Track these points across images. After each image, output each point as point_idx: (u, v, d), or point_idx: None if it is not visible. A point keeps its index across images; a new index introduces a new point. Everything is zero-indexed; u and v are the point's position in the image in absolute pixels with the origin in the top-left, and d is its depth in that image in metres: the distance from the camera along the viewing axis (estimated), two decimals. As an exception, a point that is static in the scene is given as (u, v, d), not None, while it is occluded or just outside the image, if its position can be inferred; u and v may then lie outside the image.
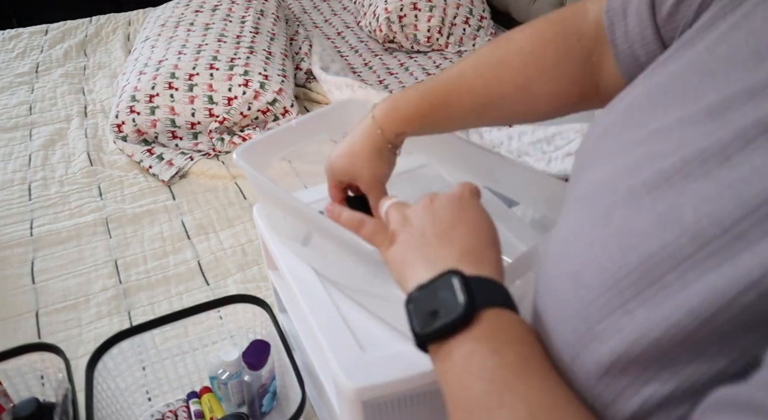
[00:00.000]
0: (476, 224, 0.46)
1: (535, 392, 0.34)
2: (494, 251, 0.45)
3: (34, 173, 1.55)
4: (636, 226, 0.34)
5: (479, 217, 0.47)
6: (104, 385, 0.85)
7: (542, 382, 0.35)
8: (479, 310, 0.37)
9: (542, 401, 0.34)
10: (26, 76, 2.04)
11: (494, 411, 0.34)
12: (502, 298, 0.40)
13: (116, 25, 2.38)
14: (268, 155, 0.80)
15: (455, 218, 0.46)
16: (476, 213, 0.47)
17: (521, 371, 0.35)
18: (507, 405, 0.33)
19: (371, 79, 1.94)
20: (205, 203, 1.43)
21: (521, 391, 0.34)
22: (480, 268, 0.41)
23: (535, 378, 0.35)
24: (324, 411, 0.88)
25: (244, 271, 1.23)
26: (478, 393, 0.35)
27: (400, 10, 2.06)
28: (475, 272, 0.40)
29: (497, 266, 0.43)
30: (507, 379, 0.35)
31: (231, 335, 0.98)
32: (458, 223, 0.46)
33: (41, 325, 1.13)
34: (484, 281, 0.40)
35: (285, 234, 0.80)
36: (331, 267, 0.72)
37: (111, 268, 1.25)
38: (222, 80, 1.65)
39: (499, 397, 0.34)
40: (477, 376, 0.35)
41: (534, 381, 0.35)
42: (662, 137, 0.36)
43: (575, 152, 0.47)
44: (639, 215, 0.34)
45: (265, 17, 1.99)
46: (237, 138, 1.61)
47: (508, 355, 0.36)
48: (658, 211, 0.33)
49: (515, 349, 0.36)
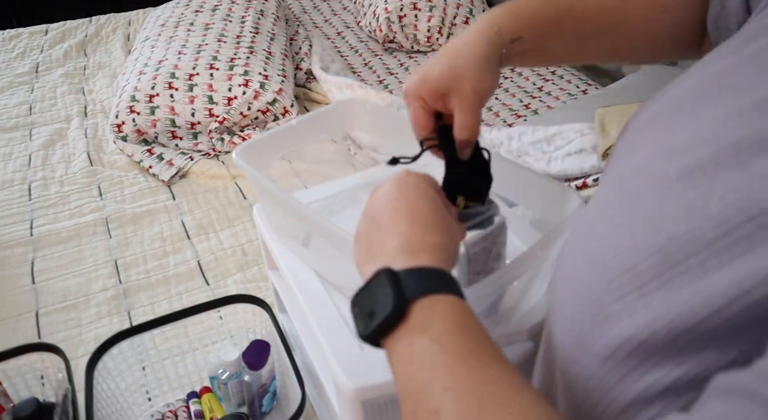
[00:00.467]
0: (414, 210, 0.45)
1: (477, 372, 0.34)
2: (434, 235, 0.44)
3: (34, 173, 1.56)
4: (662, 210, 0.33)
5: (418, 202, 0.46)
6: (104, 385, 0.85)
7: (482, 362, 0.35)
8: (411, 303, 0.38)
9: (484, 378, 0.34)
10: (26, 76, 2.05)
11: (440, 396, 0.34)
12: (435, 285, 0.39)
13: (116, 25, 2.38)
14: (267, 155, 0.80)
15: (394, 207, 0.46)
16: (415, 198, 0.46)
17: (461, 354, 0.36)
18: (451, 388, 0.34)
19: (371, 79, 1.94)
20: (205, 203, 1.44)
21: (462, 373, 0.34)
22: (415, 258, 0.41)
23: (475, 358, 0.35)
24: (324, 411, 0.88)
25: (244, 271, 1.23)
26: (423, 381, 0.35)
27: (400, 10, 2.06)
28: (409, 264, 0.40)
29: (438, 251, 0.43)
30: (448, 363, 0.35)
31: (231, 335, 0.98)
32: (397, 212, 0.45)
33: (41, 325, 1.13)
34: (415, 272, 0.40)
35: (285, 235, 0.80)
36: (330, 268, 0.72)
37: (111, 268, 1.25)
38: (222, 80, 1.65)
39: (442, 382, 0.34)
40: (419, 365, 0.36)
41: (474, 361, 0.35)
42: (705, 127, 0.35)
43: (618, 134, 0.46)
44: (667, 201, 0.33)
45: (265, 17, 1.99)
46: (237, 138, 1.61)
47: (447, 341, 0.36)
48: (687, 197, 0.32)
49: (453, 334, 0.37)
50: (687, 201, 0.32)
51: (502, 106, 1.74)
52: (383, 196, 0.47)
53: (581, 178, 1.21)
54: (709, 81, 0.39)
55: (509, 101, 1.76)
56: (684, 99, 0.40)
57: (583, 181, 1.18)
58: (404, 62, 2.05)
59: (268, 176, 0.71)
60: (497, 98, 1.78)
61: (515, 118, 1.68)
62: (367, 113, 0.84)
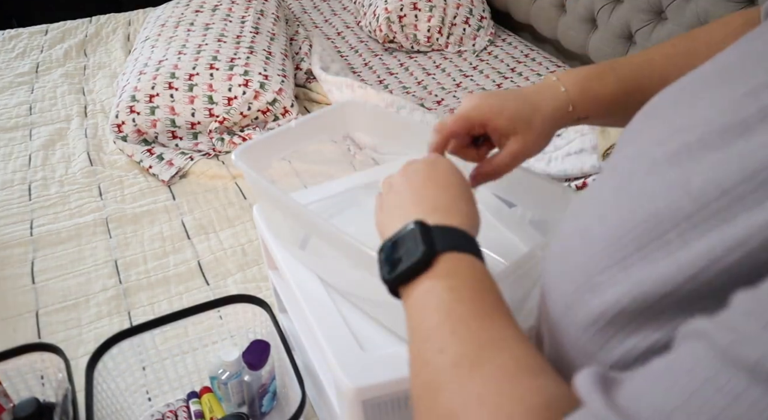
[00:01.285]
0: (447, 181, 0.49)
1: (486, 324, 0.37)
2: (465, 203, 0.48)
3: (34, 173, 1.56)
4: (648, 188, 0.35)
5: (450, 175, 0.50)
6: (104, 385, 0.85)
7: (492, 318, 0.38)
8: (439, 254, 0.41)
9: (491, 334, 0.36)
10: (26, 76, 2.05)
11: (447, 338, 0.36)
12: (463, 244, 0.42)
13: (116, 25, 2.38)
14: (267, 156, 0.80)
15: (427, 178, 0.50)
16: (447, 171, 0.50)
17: (474, 307, 0.38)
18: (458, 333, 0.36)
19: (371, 79, 1.94)
20: (205, 203, 1.44)
21: (472, 324, 0.37)
22: (447, 219, 0.44)
23: (486, 312, 0.38)
24: (324, 411, 0.88)
25: (244, 271, 1.23)
26: (434, 323, 0.38)
27: (400, 10, 2.06)
28: (441, 222, 0.44)
29: (468, 216, 0.46)
30: (460, 312, 0.38)
31: (231, 335, 0.98)
32: (429, 181, 0.49)
33: (41, 325, 1.13)
34: (445, 229, 0.43)
35: (283, 237, 0.80)
36: (328, 270, 0.72)
37: (111, 268, 1.25)
38: (222, 80, 1.65)
39: (452, 326, 0.37)
40: (433, 309, 0.39)
41: (484, 314, 0.38)
42: (699, 115, 0.36)
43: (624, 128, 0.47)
44: (654, 180, 0.35)
45: (265, 17, 1.99)
46: (237, 138, 1.61)
47: (463, 292, 0.39)
48: (671, 176, 0.34)
49: (471, 287, 0.40)
50: (670, 179, 0.34)
51: (502, 106, 1.74)
52: (416, 171, 0.51)
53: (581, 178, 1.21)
54: (711, 72, 0.40)
55: (509, 101, 1.76)
56: (685, 90, 0.41)
57: (583, 181, 1.18)
58: (404, 62, 2.05)
59: (267, 178, 0.71)
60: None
61: (515, 118, 1.68)
62: (367, 114, 0.84)
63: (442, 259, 0.41)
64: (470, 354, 0.35)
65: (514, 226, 0.79)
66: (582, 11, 1.84)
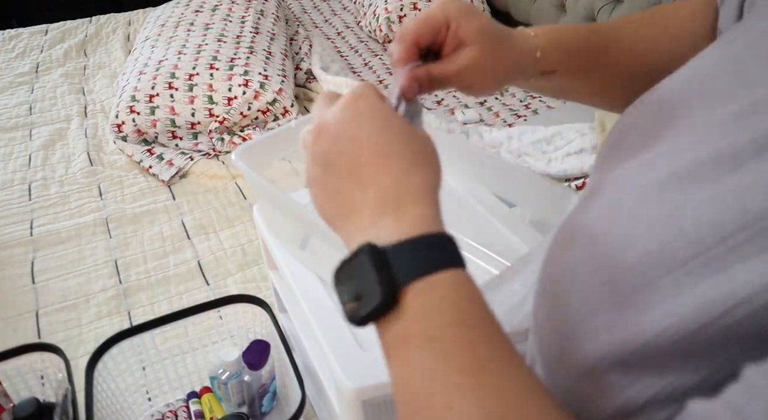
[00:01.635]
0: (382, 147, 0.36)
1: (487, 390, 0.29)
2: (416, 174, 0.36)
3: (34, 173, 1.56)
4: (638, 224, 0.33)
5: (383, 133, 0.37)
6: (104, 385, 0.85)
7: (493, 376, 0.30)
8: (404, 287, 0.32)
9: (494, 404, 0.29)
10: (26, 76, 2.05)
11: (440, 412, 0.29)
12: (432, 262, 0.33)
13: (116, 25, 2.38)
14: (267, 156, 0.79)
15: (356, 147, 0.37)
16: (378, 129, 0.37)
17: (466, 363, 0.30)
18: (455, 408, 0.29)
19: (371, 79, 1.94)
20: (205, 203, 1.44)
21: (467, 391, 0.29)
22: (401, 217, 0.34)
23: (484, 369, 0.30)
24: (324, 411, 0.88)
25: (244, 271, 1.23)
26: (420, 390, 0.31)
27: (400, 10, 2.06)
28: (395, 232, 0.34)
29: (425, 195, 0.35)
30: (450, 375, 0.30)
31: (231, 335, 0.98)
32: (361, 151, 0.36)
33: (41, 325, 1.13)
34: (406, 246, 0.33)
35: (283, 237, 0.80)
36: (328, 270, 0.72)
37: (111, 268, 1.25)
38: (222, 80, 1.65)
39: (444, 397, 0.30)
40: (416, 369, 0.31)
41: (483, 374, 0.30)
42: (685, 137, 0.35)
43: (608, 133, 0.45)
44: (644, 214, 0.33)
45: (265, 17, 1.99)
46: (237, 138, 1.61)
47: (448, 343, 0.31)
48: (662, 211, 0.32)
49: (456, 333, 0.31)
50: (660, 215, 0.32)
51: (502, 106, 1.74)
52: (335, 135, 0.38)
53: (581, 178, 1.21)
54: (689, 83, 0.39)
55: (509, 101, 1.76)
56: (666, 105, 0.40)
57: (583, 181, 1.18)
58: (404, 62, 2.05)
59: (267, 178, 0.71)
60: (497, 98, 1.78)
61: (515, 118, 1.68)
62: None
63: (410, 292, 0.32)
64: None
65: (514, 226, 0.79)
66: (582, 11, 1.84)
